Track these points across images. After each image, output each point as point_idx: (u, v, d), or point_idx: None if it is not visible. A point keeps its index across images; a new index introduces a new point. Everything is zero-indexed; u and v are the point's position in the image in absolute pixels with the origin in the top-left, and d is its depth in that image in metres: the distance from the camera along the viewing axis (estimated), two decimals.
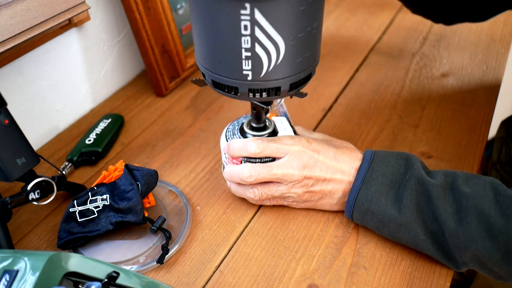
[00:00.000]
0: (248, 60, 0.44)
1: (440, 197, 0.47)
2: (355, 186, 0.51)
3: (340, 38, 0.93)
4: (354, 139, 0.68)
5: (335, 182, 0.53)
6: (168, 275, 0.51)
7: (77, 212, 0.53)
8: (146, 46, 0.73)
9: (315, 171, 0.53)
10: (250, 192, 0.55)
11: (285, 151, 0.53)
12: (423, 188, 0.49)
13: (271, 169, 0.53)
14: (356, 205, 0.51)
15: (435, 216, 0.47)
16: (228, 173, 0.56)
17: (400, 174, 0.51)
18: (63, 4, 0.61)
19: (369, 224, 0.52)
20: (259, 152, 0.53)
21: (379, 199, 0.50)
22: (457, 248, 0.47)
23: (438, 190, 0.48)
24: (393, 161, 0.52)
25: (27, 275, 0.34)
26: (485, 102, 0.74)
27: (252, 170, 0.53)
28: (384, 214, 0.50)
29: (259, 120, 0.56)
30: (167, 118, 0.75)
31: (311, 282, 0.50)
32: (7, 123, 0.50)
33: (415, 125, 0.70)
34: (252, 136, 0.56)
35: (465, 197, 0.47)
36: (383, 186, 0.50)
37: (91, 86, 0.76)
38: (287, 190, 0.54)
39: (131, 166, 0.56)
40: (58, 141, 0.71)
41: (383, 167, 0.51)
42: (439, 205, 0.47)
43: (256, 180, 0.54)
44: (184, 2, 0.78)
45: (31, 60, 0.65)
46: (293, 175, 0.52)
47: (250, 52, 0.44)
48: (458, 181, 0.48)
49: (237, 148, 0.54)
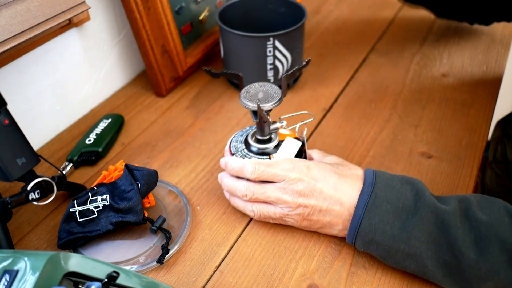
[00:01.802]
0: (271, 70, 0.74)
1: (456, 227, 0.45)
2: (357, 214, 0.48)
3: (340, 38, 0.93)
4: (354, 139, 0.68)
5: (333, 214, 0.50)
6: (168, 275, 0.51)
7: (77, 212, 0.53)
8: (146, 46, 0.73)
9: (311, 200, 0.51)
10: (249, 210, 0.54)
11: (281, 178, 0.51)
12: (437, 218, 0.46)
13: (265, 191, 0.52)
14: (359, 235, 0.49)
15: (451, 247, 0.45)
16: (226, 186, 0.56)
17: (407, 201, 0.48)
18: (63, 4, 0.61)
19: (373, 253, 0.49)
20: (255, 178, 0.52)
21: (384, 229, 0.47)
22: (476, 279, 0.45)
23: (454, 218, 0.46)
24: (397, 186, 0.49)
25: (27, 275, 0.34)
26: (485, 102, 0.74)
27: (247, 190, 0.53)
28: (390, 245, 0.47)
29: (263, 133, 0.55)
30: (167, 118, 0.75)
31: (311, 282, 0.50)
32: (7, 123, 0.50)
33: (415, 125, 0.70)
34: (257, 148, 0.56)
35: (483, 225, 0.45)
36: (388, 214, 0.47)
37: (91, 86, 0.76)
38: (283, 214, 0.53)
39: (131, 166, 0.56)
40: (58, 141, 0.71)
41: (387, 192, 0.48)
42: (457, 235, 0.45)
43: (250, 199, 0.53)
44: (184, 2, 0.78)
45: (31, 60, 0.65)
46: (286, 202, 0.51)
47: (272, 65, 0.74)
48: (472, 207, 0.46)
49: (235, 168, 0.54)
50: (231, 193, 0.56)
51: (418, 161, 0.64)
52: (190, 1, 0.79)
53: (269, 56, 0.72)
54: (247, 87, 0.55)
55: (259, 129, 0.55)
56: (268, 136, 0.56)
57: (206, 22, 0.84)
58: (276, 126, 0.55)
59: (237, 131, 0.70)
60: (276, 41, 0.71)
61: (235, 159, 0.54)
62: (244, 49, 0.73)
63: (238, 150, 0.56)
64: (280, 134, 0.57)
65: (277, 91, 0.54)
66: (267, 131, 0.55)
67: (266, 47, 0.71)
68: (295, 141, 0.56)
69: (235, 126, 0.72)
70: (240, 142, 0.57)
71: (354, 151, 0.66)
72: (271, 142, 0.56)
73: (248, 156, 0.55)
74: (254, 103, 0.53)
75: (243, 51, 0.73)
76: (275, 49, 0.72)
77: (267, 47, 0.71)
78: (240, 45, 0.73)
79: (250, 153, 0.55)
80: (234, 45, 0.74)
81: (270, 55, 0.72)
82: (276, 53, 0.72)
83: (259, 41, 0.71)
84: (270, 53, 0.72)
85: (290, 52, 0.74)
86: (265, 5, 0.80)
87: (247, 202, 0.54)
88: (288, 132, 0.58)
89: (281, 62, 0.74)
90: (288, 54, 0.74)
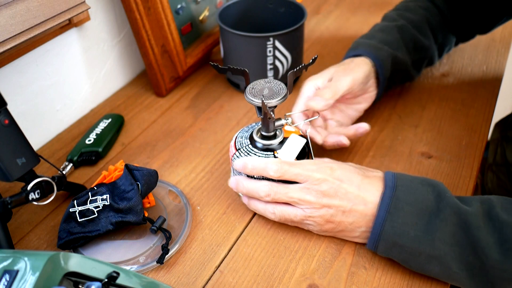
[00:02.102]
0: (271, 70, 0.75)
1: (480, 227, 0.45)
2: (379, 217, 0.48)
3: (340, 38, 0.93)
4: (354, 139, 0.68)
5: (357, 215, 0.50)
6: (168, 275, 0.51)
7: (77, 212, 0.53)
8: (146, 46, 0.73)
9: (335, 200, 0.50)
10: (270, 212, 0.53)
11: (305, 178, 0.50)
12: (459, 219, 0.46)
13: (288, 192, 0.51)
14: (382, 239, 0.48)
15: (474, 248, 0.45)
16: (246, 188, 0.54)
17: (429, 202, 0.48)
18: (63, 4, 0.61)
19: (395, 257, 0.49)
20: (278, 177, 0.51)
21: (407, 232, 0.47)
22: (500, 281, 0.44)
23: (477, 219, 0.45)
24: (418, 188, 0.49)
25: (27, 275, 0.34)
26: (485, 102, 0.74)
27: (270, 190, 0.52)
28: (414, 248, 0.47)
29: (267, 129, 0.55)
30: (167, 118, 0.75)
31: (311, 282, 0.50)
32: (7, 123, 0.50)
33: (415, 125, 0.70)
34: (261, 144, 0.55)
35: (507, 226, 0.44)
36: (410, 217, 0.47)
37: (91, 86, 0.76)
38: (305, 216, 0.51)
39: (131, 166, 0.56)
40: (58, 141, 0.71)
41: (408, 194, 0.48)
42: (480, 236, 0.45)
43: (273, 199, 0.52)
44: (184, 2, 0.78)
45: (31, 60, 0.65)
46: (310, 202, 0.50)
47: (272, 65, 0.74)
48: (496, 208, 0.46)
49: (257, 168, 0.52)
50: (250, 195, 0.54)
51: (418, 161, 0.64)
52: (190, 1, 0.79)
53: (269, 56, 0.72)
54: (253, 83, 0.55)
55: (264, 125, 0.55)
56: (273, 132, 0.56)
57: (206, 22, 0.84)
58: (281, 122, 0.55)
59: (237, 131, 0.70)
60: (276, 41, 0.71)
61: (256, 159, 0.53)
62: (244, 49, 0.73)
63: (243, 145, 0.56)
64: (285, 131, 0.57)
65: (282, 87, 0.54)
66: (271, 128, 0.55)
67: (266, 47, 0.71)
68: (300, 138, 0.56)
69: (235, 126, 0.72)
70: (245, 137, 0.57)
71: (354, 151, 0.66)
72: (276, 139, 0.56)
73: (253, 152, 0.55)
74: (258, 99, 0.53)
75: (243, 51, 0.73)
76: (275, 49, 0.72)
77: (267, 47, 0.71)
78: (240, 45, 0.73)
79: (255, 149, 0.55)
80: (234, 45, 0.74)
81: (270, 55, 0.72)
82: (276, 53, 0.72)
83: (259, 41, 0.71)
84: (270, 53, 0.72)
85: (290, 52, 0.74)
86: (265, 5, 0.80)
87: (268, 203, 0.53)
88: (294, 129, 0.58)
89: (281, 62, 0.74)
90: (288, 54, 0.74)
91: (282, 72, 0.75)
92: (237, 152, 0.56)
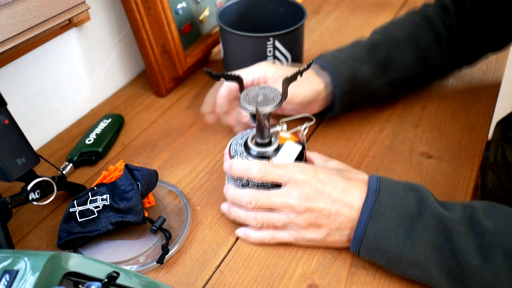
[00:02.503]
0: None
1: (460, 233, 0.45)
2: (361, 221, 0.48)
3: (340, 38, 0.93)
4: (354, 139, 0.68)
5: (342, 218, 0.49)
6: (168, 275, 0.51)
7: (77, 212, 0.53)
8: (146, 46, 0.73)
9: (319, 203, 0.49)
10: (252, 218, 0.53)
11: (287, 179, 0.50)
12: (440, 224, 0.46)
13: (270, 197, 0.51)
14: (363, 243, 0.48)
15: (455, 254, 0.45)
16: (230, 196, 0.54)
17: (411, 207, 0.48)
18: (63, 4, 0.61)
19: (377, 261, 0.49)
20: (261, 177, 0.51)
21: (389, 236, 0.47)
22: (480, 287, 0.44)
23: (458, 225, 0.45)
24: (401, 192, 0.49)
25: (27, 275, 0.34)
26: (485, 102, 0.74)
27: (251, 197, 0.52)
28: (395, 253, 0.47)
29: (262, 136, 0.54)
30: (167, 118, 0.75)
31: (311, 282, 0.50)
32: (7, 123, 0.50)
33: (415, 125, 0.70)
34: (256, 152, 0.55)
35: (488, 233, 0.44)
36: (392, 222, 0.47)
37: (91, 86, 0.76)
38: (288, 221, 0.51)
39: (131, 166, 0.56)
40: (58, 141, 0.71)
41: (391, 199, 0.48)
42: (460, 242, 0.44)
43: (255, 206, 0.52)
44: (184, 2, 0.78)
45: (31, 60, 0.65)
46: (292, 206, 0.50)
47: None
48: (477, 214, 0.46)
49: (240, 169, 0.52)
50: (234, 203, 0.54)
51: (418, 161, 0.64)
52: (190, 1, 0.79)
53: (269, 56, 0.72)
54: (247, 90, 0.54)
55: (258, 133, 0.54)
56: (268, 139, 0.55)
57: (206, 22, 0.84)
58: (276, 129, 0.54)
59: (237, 131, 0.70)
60: (276, 41, 0.71)
61: (240, 160, 0.53)
62: (244, 49, 0.73)
63: (238, 153, 0.55)
64: (281, 137, 0.57)
65: (277, 94, 0.53)
66: (266, 135, 0.54)
67: (266, 47, 0.71)
68: (295, 144, 0.56)
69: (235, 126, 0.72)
70: (240, 145, 0.56)
71: (354, 151, 0.66)
72: (271, 146, 0.55)
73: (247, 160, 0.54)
74: (253, 106, 0.52)
75: (243, 51, 0.73)
76: (275, 49, 0.72)
77: (267, 47, 0.71)
78: (240, 45, 0.73)
79: (250, 157, 0.54)
80: (234, 45, 0.74)
81: (270, 55, 0.72)
82: (276, 53, 0.72)
83: (259, 41, 0.71)
84: (270, 53, 0.72)
85: (290, 52, 0.74)
86: (265, 5, 0.80)
87: (250, 210, 0.53)
88: (289, 135, 0.58)
89: (281, 62, 0.74)
90: (288, 54, 0.74)
91: None
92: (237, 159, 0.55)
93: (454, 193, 0.59)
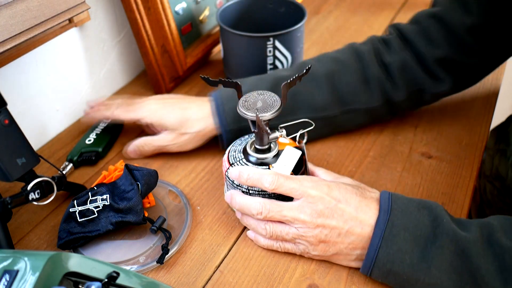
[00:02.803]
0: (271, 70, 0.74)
1: (479, 255, 0.43)
2: (373, 243, 0.46)
3: (340, 38, 0.93)
4: (354, 138, 0.68)
5: (353, 237, 0.48)
6: (168, 275, 0.51)
7: (77, 212, 0.53)
8: (146, 46, 0.73)
9: (331, 221, 0.48)
10: (261, 228, 0.51)
11: (300, 194, 0.49)
12: (457, 246, 0.44)
13: (282, 210, 0.49)
14: (376, 265, 0.46)
15: (474, 276, 0.43)
16: (238, 204, 0.52)
17: (426, 228, 0.46)
18: (63, 4, 0.61)
19: (390, 283, 0.48)
20: (273, 189, 0.49)
21: (403, 259, 0.45)
22: None
23: (476, 246, 0.44)
24: (414, 212, 0.47)
25: (27, 275, 0.34)
26: (485, 102, 0.74)
27: (262, 207, 0.50)
28: (409, 276, 0.45)
29: (262, 142, 0.53)
30: None
31: (311, 282, 0.50)
32: (7, 123, 0.50)
33: (415, 125, 0.70)
34: (255, 158, 0.54)
35: (508, 253, 0.43)
36: (406, 244, 0.45)
37: (91, 86, 0.76)
38: (297, 235, 0.49)
39: (131, 166, 0.56)
40: (58, 141, 0.71)
41: (404, 219, 0.46)
42: (480, 263, 0.43)
43: (265, 218, 0.50)
44: (184, 2, 0.78)
45: (31, 60, 0.65)
46: (304, 222, 0.48)
47: (272, 65, 0.74)
48: (495, 233, 0.44)
49: (252, 178, 0.50)
50: (242, 211, 0.53)
51: (418, 161, 0.64)
52: (190, 1, 0.79)
53: (269, 56, 0.73)
54: (245, 96, 0.53)
55: (258, 139, 0.53)
56: (267, 145, 0.54)
57: (206, 22, 0.84)
58: (276, 135, 0.53)
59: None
60: (276, 41, 0.71)
61: (252, 169, 0.51)
62: (244, 49, 0.73)
63: (237, 160, 0.54)
64: (280, 143, 0.56)
65: (276, 99, 0.53)
66: (266, 141, 0.53)
67: (266, 47, 0.71)
68: (295, 150, 0.55)
69: None
70: (238, 151, 0.55)
71: (354, 151, 0.66)
72: (271, 152, 0.54)
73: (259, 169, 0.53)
74: (252, 113, 0.51)
75: (243, 51, 0.73)
76: (275, 49, 0.72)
77: (267, 47, 0.71)
78: (240, 45, 0.73)
79: (249, 163, 0.54)
80: (234, 45, 0.74)
81: (270, 55, 0.72)
82: (276, 53, 0.72)
83: (259, 41, 0.71)
84: (270, 53, 0.72)
85: (290, 52, 0.74)
86: (265, 5, 0.80)
87: (260, 220, 0.51)
88: (288, 141, 0.57)
89: (281, 62, 0.74)
90: (288, 54, 0.74)
91: None
92: (230, 167, 0.54)
93: (454, 193, 0.59)
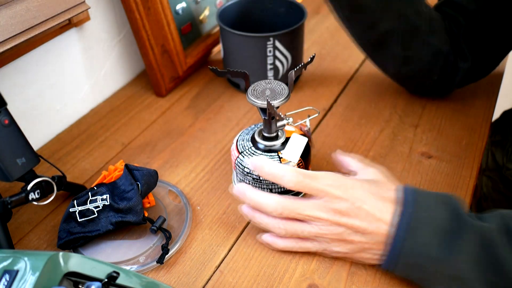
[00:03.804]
0: (271, 70, 0.75)
1: (502, 245, 0.43)
2: (398, 236, 0.45)
3: (340, 38, 0.93)
4: (354, 139, 0.68)
5: (376, 236, 0.47)
6: (168, 275, 0.51)
7: (77, 212, 0.53)
8: (146, 46, 0.73)
9: (350, 219, 0.47)
10: (278, 228, 0.50)
11: (323, 194, 0.48)
12: (481, 237, 0.44)
13: (299, 207, 0.48)
14: (401, 259, 0.46)
15: (498, 266, 0.43)
16: (250, 199, 0.50)
17: (447, 221, 0.46)
18: (63, 4, 0.61)
19: (414, 277, 0.47)
20: (292, 186, 0.48)
21: (428, 252, 0.45)
22: None
23: (499, 236, 0.44)
24: (433, 205, 0.47)
25: (27, 275, 0.34)
26: (485, 102, 0.74)
27: (281, 206, 0.48)
28: (435, 268, 0.45)
29: (270, 130, 0.54)
30: (167, 118, 0.75)
31: (311, 282, 0.50)
32: (7, 123, 0.50)
33: (415, 125, 0.70)
34: (264, 145, 0.55)
35: None
36: (430, 236, 0.45)
37: (91, 86, 0.76)
38: (316, 233, 0.49)
39: (131, 166, 0.56)
40: (58, 141, 0.71)
41: (426, 214, 0.46)
42: (504, 253, 0.43)
43: (281, 215, 0.49)
44: (184, 2, 0.78)
45: (31, 60, 0.65)
46: (323, 220, 0.48)
47: (272, 65, 0.74)
48: None
49: (273, 173, 0.49)
50: (255, 207, 0.51)
51: (418, 161, 0.64)
52: (190, 1, 0.79)
53: (269, 56, 0.73)
54: (254, 85, 0.55)
55: (266, 127, 0.55)
56: (275, 133, 0.55)
57: (206, 22, 0.84)
58: (283, 122, 0.54)
59: (237, 131, 0.70)
60: (276, 41, 0.71)
61: (274, 164, 0.49)
62: (244, 49, 0.73)
63: (246, 148, 0.56)
64: (286, 130, 0.57)
65: (284, 87, 0.54)
66: (274, 128, 0.55)
67: (266, 47, 0.71)
68: (301, 137, 0.56)
69: (235, 126, 0.72)
70: (247, 140, 0.57)
71: (354, 151, 0.66)
72: (278, 139, 0.55)
73: (256, 154, 0.55)
74: (263, 100, 0.52)
75: (243, 51, 0.74)
76: (275, 49, 0.72)
77: (267, 47, 0.71)
78: (240, 45, 0.73)
79: (258, 151, 0.55)
80: (234, 45, 0.74)
81: (270, 55, 0.72)
82: (276, 53, 0.72)
83: (259, 41, 0.71)
84: (270, 53, 0.72)
85: (290, 52, 0.74)
86: (265, 5, 0.80)
87: (276, 218, 0.50)
88: (293, 128, 0.58)
89: (281, 62, 0.74)
90: (288, 54, 0.74)
91: (282, 72, 0.75)
92: (240, 156, 0.55)
93: (454, 193, 0.59)
